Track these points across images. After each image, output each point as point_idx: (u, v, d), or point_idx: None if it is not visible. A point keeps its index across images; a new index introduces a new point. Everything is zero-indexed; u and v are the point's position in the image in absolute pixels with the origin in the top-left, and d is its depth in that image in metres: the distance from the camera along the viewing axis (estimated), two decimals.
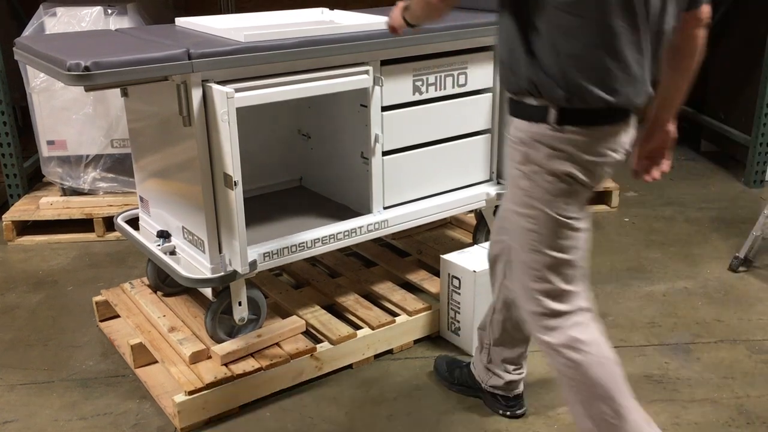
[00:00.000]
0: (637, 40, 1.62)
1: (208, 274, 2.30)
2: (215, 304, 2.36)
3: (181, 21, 2.65)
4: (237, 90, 2.09)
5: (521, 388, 2.28)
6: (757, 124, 4.11)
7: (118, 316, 2.77)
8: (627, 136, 1.76)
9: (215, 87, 2.08)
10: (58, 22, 3.47)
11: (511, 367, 2.22)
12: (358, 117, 2.55)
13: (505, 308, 2.12)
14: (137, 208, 2.76)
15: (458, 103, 2.70)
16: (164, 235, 2.50)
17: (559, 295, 1.79)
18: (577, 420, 1.84)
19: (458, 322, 2.61)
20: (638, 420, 1.78)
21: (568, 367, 1.79)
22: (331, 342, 2.47)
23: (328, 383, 2.46)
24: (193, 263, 2.38)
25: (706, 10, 1.83)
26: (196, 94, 2.11)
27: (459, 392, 2.39)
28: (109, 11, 3.49)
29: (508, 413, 2.27)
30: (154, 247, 2.47)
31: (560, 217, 1.73)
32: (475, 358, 2.33)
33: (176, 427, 2.24)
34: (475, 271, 2.49)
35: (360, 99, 2.50)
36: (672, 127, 2.07)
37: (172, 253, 2.48)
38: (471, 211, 3.07)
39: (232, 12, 4.85)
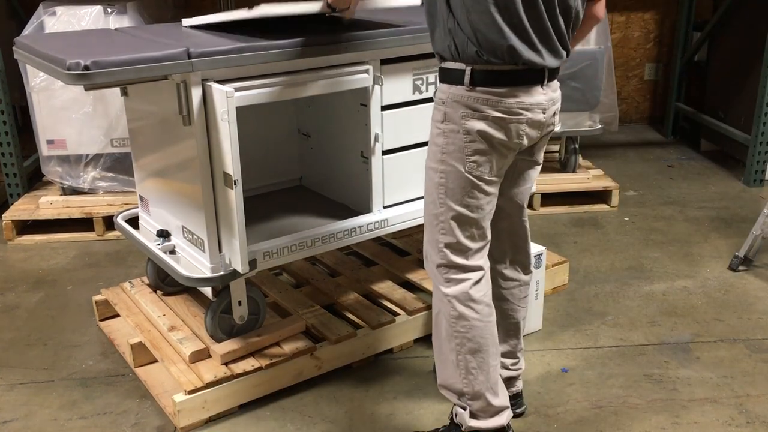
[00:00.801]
0: (539, 15, 1.79)
1: (208, 274, 2.30)
2: (215, 303, 2.36)
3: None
4: (237, 89, 2.08)
5: (520, 386, 2.28)
6: (756, 123, 4.11)
7: (117, 316, 2.77)
8: (541, 96, 1.88)
9: (215, 86, 2.07)
10: (58, 21, 3.47)
11: (508, 362, 2.23)
12: (358, 116, 2.55)
13: (493, 299, 2.15)
14: (137, 207, 2.75)
15: None
16: (164, 235, 2.50)
17: (461, 251, 1.95)
18: (441, 359, 2.03)
19: None
20: (496, 378, 2.01)
21: (454, 318, 1.96)
22: (331, 341, 2.47)
23: (328, 382, 2.46)
24: (193, 262, 2.38)
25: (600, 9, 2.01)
26: (196, 94, 2.11)
27: None
28: (109, 10, 3.48)
29: None
30: (154, 246, 2.47)
31: (470, 175, 1.88)
32: None
33: (176, 427, 2.24)
34: None
35: (360, 98, 2.50)
36: None
37: (172, 252, 2.48)
38: None
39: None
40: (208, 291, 2.40)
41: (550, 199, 3.91)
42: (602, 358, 2.61)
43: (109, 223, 3.54)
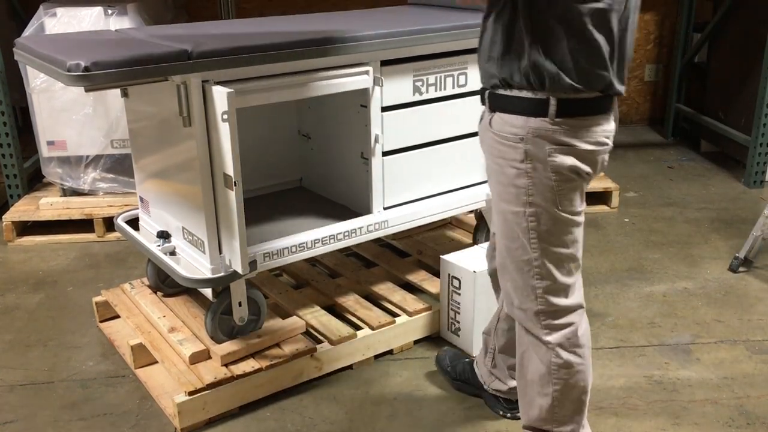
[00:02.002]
0: (623, 41, 1.70)
1: (208, 275, 2.30)
2: (215, 304, 2.36)
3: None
4: (237, 90, 2.08)
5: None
6: (757, 124, 4.11)
7: (118, 317, 2.77)
8: (613, 123, 1.78)
9: (215, 87, 2.08)
10: (58, 22, 3.47)
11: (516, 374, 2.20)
12: (358, 117, 2.55)
13: (510, 318, 2.10)
14: (137, 208, 2.75)
15: (458, 104, 2.70)
16: (164, 236, 2.50)
17: (561, 290, 1.81)
18: (528, 400, 1.93)
19: (458, 322, 2.61)
20: (585, 412, 1.91)
21: (557, 366, 1.83)
22: (331, 342, 2.47)
23: (328, 383, 2.46)
24: (193, 264, 2.38)
25: None
26: (196, 95, 2.11)
27: (459, 388, 2.39)
28: (109, 11, 3.48)
29: (509, 415, 2.27)
30: (154, 247, 2.47)
31: (564, 214, 1.74)
32: (479, 359, 2.33)
33: (176, 428, 2.24)
34: (475, 272, 2.49)
35: (360, 99, 2.50)
36: None
37: (172, 253, 2.48)
38: (471, 212, 3.07)
39: (231, 12, 4.85)
40: (208, 292, 2.40)
41: None
42: (602, 359, 2.60)
43: (109, 224, 3.54)
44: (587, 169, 1.72)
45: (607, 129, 1.73)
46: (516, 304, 1.86)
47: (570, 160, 1.69)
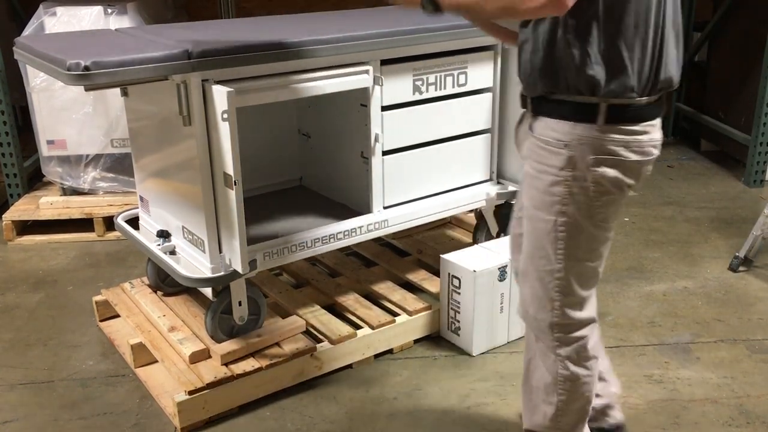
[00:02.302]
0: (678, 37, 1.63)
1: (208, 274, 2.30)
2: (215, 303, 2.36)
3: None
4: (237, 89, 2.08)
5: (619, 416, 2.07)
6: (757, 123, 4.11)
7: (118, 316, 2.77)
8: (661, 132, 1.69)
9: (215, 87, 2.07)
10: (58, 21, 3.47)
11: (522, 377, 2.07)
12: (358, 116, 2.55)
13: None
14: (137, 207, 2.75)
15: (458, 103, 2.70)
16: (164, 235, 2.50)
17: (578, 304, 1.77)
18: (531, 406, 1.88)
19: (458, 321, 2.61)
20: (586, 420, 1.88)
21: (563, 378, 1.81)
22: (331, 342, 2.47)
23: (328, 383, 2.46)
24: (193, 263, 2.38)
25: None
26: (196, 94, 2.11)
27: None
28: (109, 11, 3.48)
29: None
30: (154, 246, 2.47)
31: (596, 228, 1.69)
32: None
33: (176, 427, 2.24)
34: (475, 271, 2.49)
35: (360, 98, 2.50)
36: None
37: (172, 252, 2.48)
38: (471, 211, 3.07)
39: (231, 11, 4.85)
40: (208, 291, 2.40)
41: None
42: None
43: (109, 223, 3.54)
44: (630, 181, 1.65)
45: (655, 138, 1.65)
46: (531, 312, 1.81)
47: (613, 172, 1.61)
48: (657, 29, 1.57)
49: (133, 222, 2.74)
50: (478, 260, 2.55)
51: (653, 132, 1.64)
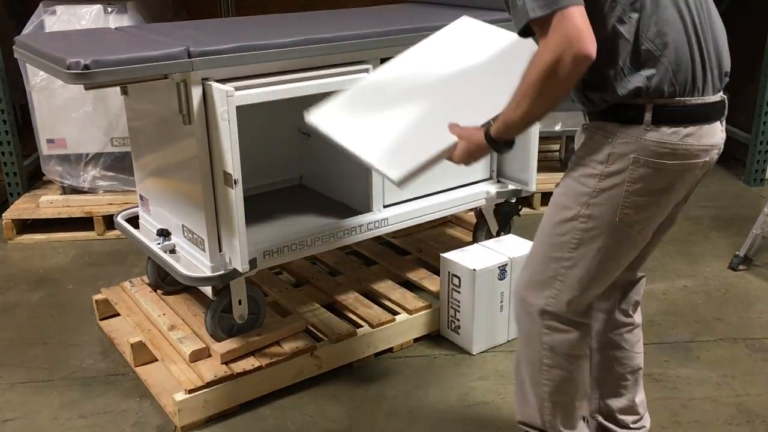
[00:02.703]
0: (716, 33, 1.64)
1: (208, 273, 2.30)
2: (215, 302, 2.36)
3: None
4: (237, 88, 2.08)
5: None
6: (757, 122, 4.11)
7: (118, 315, 2.77)
8: (720, 135, 1.65)
9: (215, 85, 2.07)
10: (58, 20, 3.47)
11: (629, 419, 2.00)
12: None
13: (602, 346, 1.96)
14: (137, 206, 2.75)
15: None
16: (164, 234, 2.50)
17: (577, 305, 1.73)
18: (522, 397, 1.85)
19: (458, 320, 2.61)
20: (578, 418, 1.85)
21: (548, 366, 1.78)
22: (331, 340, 2.47)
23: (328, 382, 2.46)
24: (193, 262, 2.38)
25: None
26: (196, 93, 2.11)
27: None
28: (109, 9, 3.48)
29: None
30: (154, 245, 2.47)
31: (621, 232, 1.64)
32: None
33: (176, 426, 2.24)
34: (475, 270, 2.49)
35: None
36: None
37: (172, 251, 2.48)
38: (471, 210, 3.06)
39: (231, 10, 4.85)
40: (208, 290, 2.40)
41: (550, 198, 3.90)
42: None
43: (109, 222, 3.54)
44: (669, 189, 1.62)
45: (705, 142, 1.60)
46: (525, 295, 1.77)
47: (652, 176, 1.58)
48: (687, 25, 1.55)
49: (133, 221, 2.74)
50: (478, 259, 2.55)
51: (705, 135, 1.59)
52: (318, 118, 1.98)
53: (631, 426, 2.00)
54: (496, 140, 1.64)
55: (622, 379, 1.97)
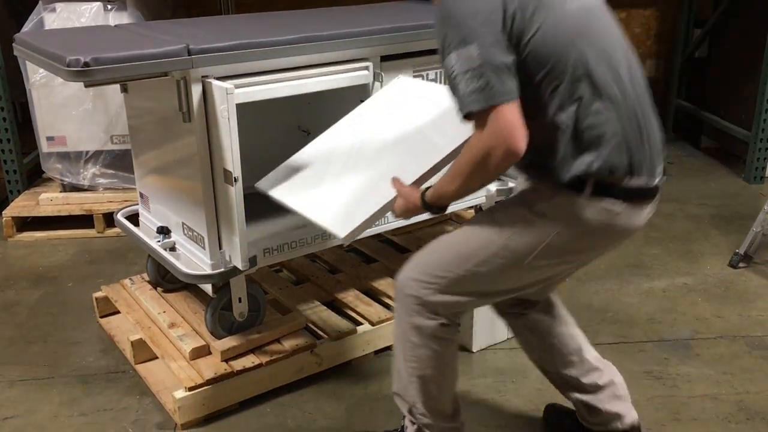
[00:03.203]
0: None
1: (208, 271, 2.30)
2: (215, 300, 2.36)
3: None
4: (237, 86, 2.08)
5: (632, 414, 2.06)
6: (757, 120, 4.10)
7: (118, 312, 2.77)
8: (646, 214, 1.76)
9: (215, 83, 2.07)
10: (58, 17, 3.46)
11: (594, 378, 2.04)
12: None
13: (531, 331, 2.05)
14: (137, 204, 2.75)
15: None
16: (164, 231, 2.50)
17: (453, 313, 1.77)
18: (398, 369, 1.87)
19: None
20: (448, 400, 1.88)
21: (413, 345, 1.79)
22: (331, 338, 2.47)
23: (328, 379, 2.46)
24: (193, 259, 2.38)
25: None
26: (196, 90, 2.11)
27: None
28: (109, 7, 3.48)
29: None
30: (154, 243, 2.47)
31: (528, 267, 1.70)
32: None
33: (176, 423, 2.24)
34: None
35: (360, 95, 2.49)
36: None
37: (172, 249, 2.48)
38: (471, 207, 3.06)
39: (231, 7, 4.84)
40: (208, 288, 2.40)
41: None
42: (602, 354, 2.59)
43: (109, 219, 3.54)
44: (586, 248, 1.72)
45: (635, 223, 1.72)
46: (408, 275, 1.77)
47: (576, 239, 1.66)
48: (627, 111, 1.61)
49: (133, 218, 2.74)
50: None
51: (636, 216, 1.69)
52: (267, 184, 2.14)
53: (600, 384, 2.02)
54: (430, 205, 1.74)
55: (567, 352, 2.02)
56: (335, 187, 2.00)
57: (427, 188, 1.76)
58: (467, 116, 1.56)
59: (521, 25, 1.53)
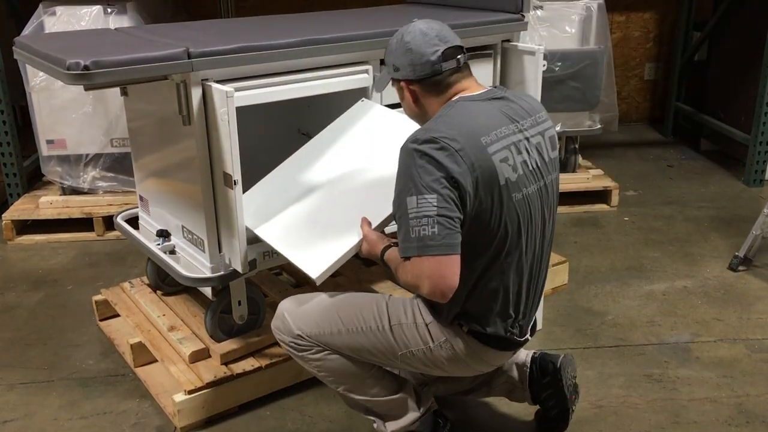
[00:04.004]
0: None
1: (208, 274, 2.30)
2: (215, 303, 2.36)
3: None
4: (237, 89, 2.08)
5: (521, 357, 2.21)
6: (756, 123, 4.11)
7: (117, 316, 2.77)
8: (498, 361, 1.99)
9: (215, 86, 2.07)
10: (58, 21, 3.47)
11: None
12: None
13: None
14: (137, 207, 2.75)
15: None
16: (164, 235, 2.50)
17: (341, 351, 1.95)
18: (347, 404, 2.06)
19: None
20: (379, 400, 2.01)
21: (318, 369, 1.96)
22: None
23: None
24: (192, 262, 2.38)
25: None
26: (196, 93, 2.11)
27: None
28: (109, 10, 3.48)
29: None
30: (154, 246, 2.47)
31: (401, 357, 1.90)
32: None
33: (176, 426, 2.24)
34: None
35: (360, 98, 2.50)
36: None
37: (172, 252, 2.48)
38: None
39: (231, 10, 4.85)
40: (207, 291, 2.40)
41: None
42: (602, 357, 2.61)
43: (109, 223, 3.54)
44: (452, 369, 1.92)
45: (495, 363, 1.97)
46: (283, 318, 2.00)
47: (447, 358, 1.86)
48: (522, 281, 1.84)
49: (133, 221, 2.74)
50: None
51: (499, 359, 1.95)
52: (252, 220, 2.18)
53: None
54: (386, 263, 1.85)
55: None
56: (308, 224, 2.09)
57: (390, 246, 1.86)
58: (406, 258, 1.70)
59: (467, 202, 1.68)
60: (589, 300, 3.00)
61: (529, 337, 1.95)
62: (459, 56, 1.82)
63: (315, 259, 1.97)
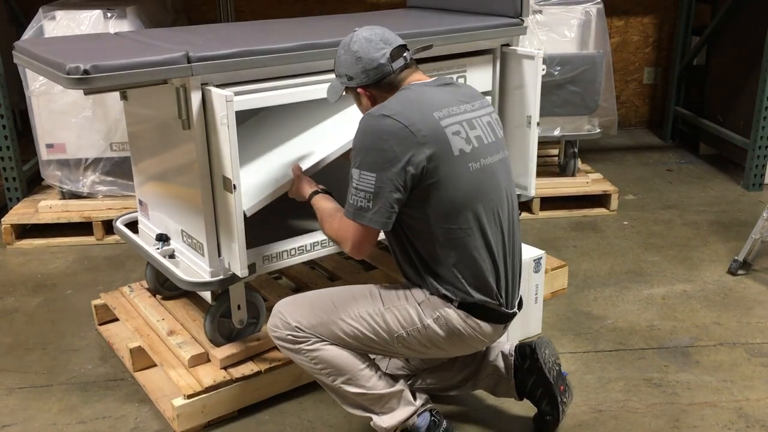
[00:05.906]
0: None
1: (207, 278, 2.29)
2: (214, 307, 2.36)
3: None
4: (236, 93, 2.08)
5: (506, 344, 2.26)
6: (755, 127, 4.11)
7: (117, 320, 2.77)
8: (488, 333, 2.00)
9: (214, 90, 2.08)
10: (58, 25, 3.47)
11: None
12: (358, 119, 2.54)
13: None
14: (136, 211, 2.75)
15: None
16: (163, 239, 2.50)
17: (336, 341, 1.99)
18: (343, 403, 2.06)
19: None
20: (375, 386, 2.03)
21: (311, 361, 1.98)
22: None
23: None
24: (192, 267, 2.37)
25: None
26: (196, 98, 2.11)
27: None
28: (109, 14, 3.49)
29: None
30: (153, 250, 2.47)
31: (398, 340, 1.95)
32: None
33: (175, 431, 2.23)
34: None
35: None
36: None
37: (171, 256, 2.48)
38: None
39: (231, 15, 4.86)
40: (207, 295, 2.40)
41: (549, 203, 3.91)
42: (601, 362, 2.60)
43: (108, 227, 3.54)
44: (446, 347, 1.97)
45: (488, 339, 2.00)
46: (279, 320, 2.00)
47: (440, 334, 1.93)
48: (497, 255, 1.95)
49: (132, 226, 2.74)
50: None
51: (491, 333, 1.98)
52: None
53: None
54: (313, 207, 2.09)
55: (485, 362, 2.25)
56: (263, 171, 2.36)
57: (318, 192, 2.11)
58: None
59: (422, 175, 1.82)
60: (588, 304, 3.00)
61: (517, 311, 2.03)
62: (405, 54, 1.98)
63: (247, 196, 2.20)
